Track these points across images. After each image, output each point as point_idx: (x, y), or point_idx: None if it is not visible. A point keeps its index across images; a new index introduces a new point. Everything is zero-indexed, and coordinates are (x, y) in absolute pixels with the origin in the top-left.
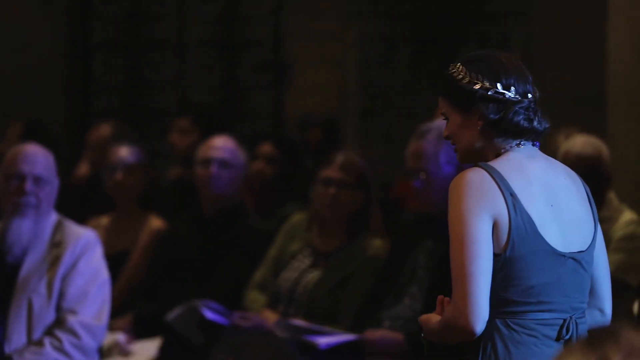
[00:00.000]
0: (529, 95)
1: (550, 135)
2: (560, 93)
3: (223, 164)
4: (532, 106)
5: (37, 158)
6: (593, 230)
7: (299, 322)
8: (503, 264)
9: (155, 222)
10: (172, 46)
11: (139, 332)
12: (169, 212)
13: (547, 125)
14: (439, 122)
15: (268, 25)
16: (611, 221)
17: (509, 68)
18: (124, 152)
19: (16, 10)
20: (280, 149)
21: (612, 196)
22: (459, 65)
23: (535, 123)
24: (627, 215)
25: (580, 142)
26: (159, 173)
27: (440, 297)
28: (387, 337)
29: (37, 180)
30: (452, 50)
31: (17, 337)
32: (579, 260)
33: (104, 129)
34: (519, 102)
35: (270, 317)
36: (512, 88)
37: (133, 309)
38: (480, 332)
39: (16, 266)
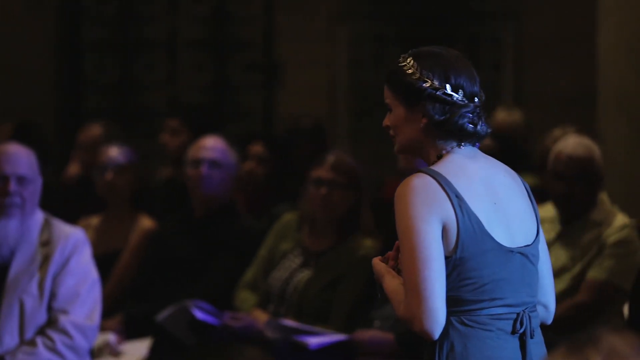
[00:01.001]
0: (476, 99)
1: (542, 135)
2: (551, 93)
3: (214, 164)
4: (478, 110)
5: (20, 158)
6: (536, 224)
7: (289, 322)
8: (454, 265)
9: (146, 222)
10: (163, 46)
11: (129, 333)
12: (159, 212)
13: (489, 130)
14: None
15: (259, 25)
16: (604, 225)
17: (460, 69)
18: (115, 152)
19: (6, 10)
20: (271, 149)
21: (604, 198)
22: (410, 59)
23: (479, 127)
24: (620, 219)
25: (572, 143)
26: (149, 173)
27: (398, 243)
28: (377, 337)
29: (21, 180)
30: None
31: (8, 338)
32: (526, 255)
33: (95, 129)
34: (465, 105)
35: (260, 317)
36: (461, 91)
37: (123, 309)
38: (439, 333)
39: (4, 267)
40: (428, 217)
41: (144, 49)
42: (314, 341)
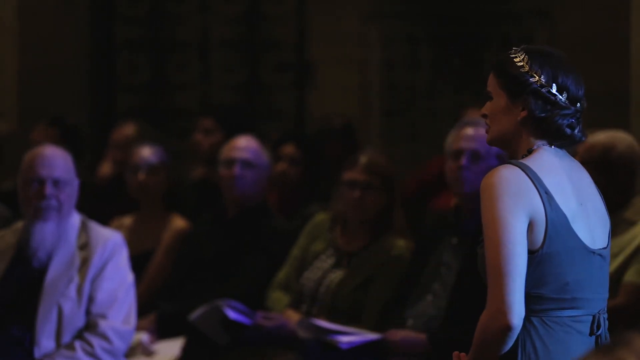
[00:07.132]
0: (578, 104)
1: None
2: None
3: (247, 164)
4: (578, 115)
5: (56, 161)
6: (609, 227)
7: (321, 322)
8: (539, 260)
9: (179, 222)
10: (195, 46)
11: (162, 332)
12: (191, 212)
13: (583, 138)
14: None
15: (291, 26)
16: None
17: (568, 72)
18: (147, 152)
19: (39, 10)
20: (304, 149)
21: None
22: (522, 53)
23: (576, 131)
24: None
25: (601, 133)
26: (181, 173)
27: (455, 353)
28: (409, 338)
29: (57, 182)
30: (475, 50)
31: (46, 342)
32: (604, 257)
33: (128, 128)
34: (567, 107)
35: (293, 317)
36: (565, 93)
37: (156, 309)
38: (519, 328)
39: (42, 271)
40: (516, 210)
41: (176, 49)
42: (345, 340)
